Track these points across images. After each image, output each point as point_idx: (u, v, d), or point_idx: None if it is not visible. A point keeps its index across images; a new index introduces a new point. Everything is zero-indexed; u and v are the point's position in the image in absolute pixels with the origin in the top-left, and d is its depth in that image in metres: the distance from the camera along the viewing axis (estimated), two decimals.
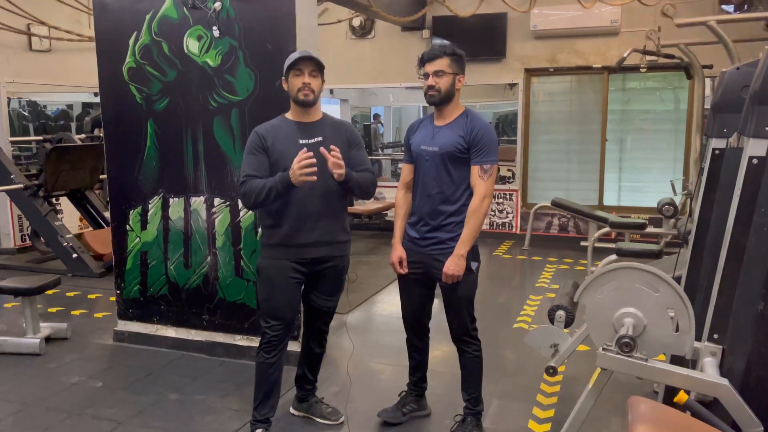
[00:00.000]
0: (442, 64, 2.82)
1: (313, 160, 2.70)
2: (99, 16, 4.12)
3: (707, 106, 5.83)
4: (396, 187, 3.16)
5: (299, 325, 3.39)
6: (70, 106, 10.39)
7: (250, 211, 3.80)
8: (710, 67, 6.06)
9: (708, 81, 6.32)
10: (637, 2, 6.29)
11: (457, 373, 3.11)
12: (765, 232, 2.02)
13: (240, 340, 4.06)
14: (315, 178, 2.74)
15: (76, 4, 6.77)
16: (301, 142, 2.88)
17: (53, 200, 6.69)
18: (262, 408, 3.02)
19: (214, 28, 3.80)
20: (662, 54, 5.80)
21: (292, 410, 3.33)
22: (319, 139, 2.91)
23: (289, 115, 3.00)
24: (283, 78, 2.95)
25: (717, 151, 2.61)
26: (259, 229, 3.69)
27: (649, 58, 5.95)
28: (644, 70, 6.06)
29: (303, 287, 3.06)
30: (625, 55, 5.87)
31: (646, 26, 6.14)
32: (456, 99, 2.91)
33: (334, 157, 2.74)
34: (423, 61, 2.87)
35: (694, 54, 5.88)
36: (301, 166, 2.69)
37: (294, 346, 3.78)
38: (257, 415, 3.02)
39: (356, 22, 8.27)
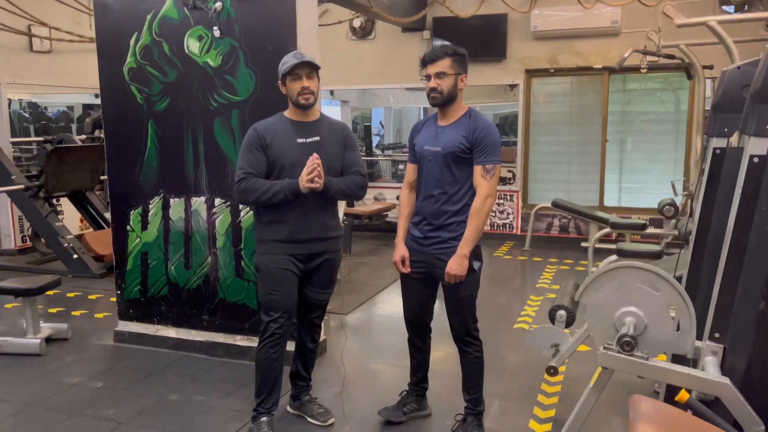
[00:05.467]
0: (444, 65, 2.82)
1: (319, 168, 2.84)
2: (100, 16, 4.12)
3: (708, 106, 5.83)
4: (396, 188, 3.17)
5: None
6: (70, 108, 10.41)
7: (251, 212, 3.79)
8: (711, 67, 6.05)
9: (708, 81, 6.32)
10: (637, 3, 6.30)
11: (457, 374, 3.11)
12: (766, 231, 2.02)
13: (240, 341, 4.06)
14: (320, 186, 2.88)
15: (77, 5, 6.78)
16: (299, 141, 2.97)
17: (54, 201, 6.69)
18: (267, 402, 3.04)
19: (215, 28, 3.80)
20: (663, 54, 5.80)
21: (288, 408, 3.34)
22: (317, 138, 3.00)
23: (287, 114, 3.06)
24: (279, 81, 3.00)
25: (718, 151, 2.61)
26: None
27: (649, 58, 5.95)
28: (645, 70, 6.07)
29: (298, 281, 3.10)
30: (625, 56, 5.87)
31: (647, 27, 6.14)
32: (459, 99, 2.91)
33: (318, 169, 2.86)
34: (425, 62, 2.87)
35: (695, 54, 5.88)
36: (309, 173, 2.83)
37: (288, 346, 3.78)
38: (261, 409, 3.03)
39: (357, 23, 8.27)
